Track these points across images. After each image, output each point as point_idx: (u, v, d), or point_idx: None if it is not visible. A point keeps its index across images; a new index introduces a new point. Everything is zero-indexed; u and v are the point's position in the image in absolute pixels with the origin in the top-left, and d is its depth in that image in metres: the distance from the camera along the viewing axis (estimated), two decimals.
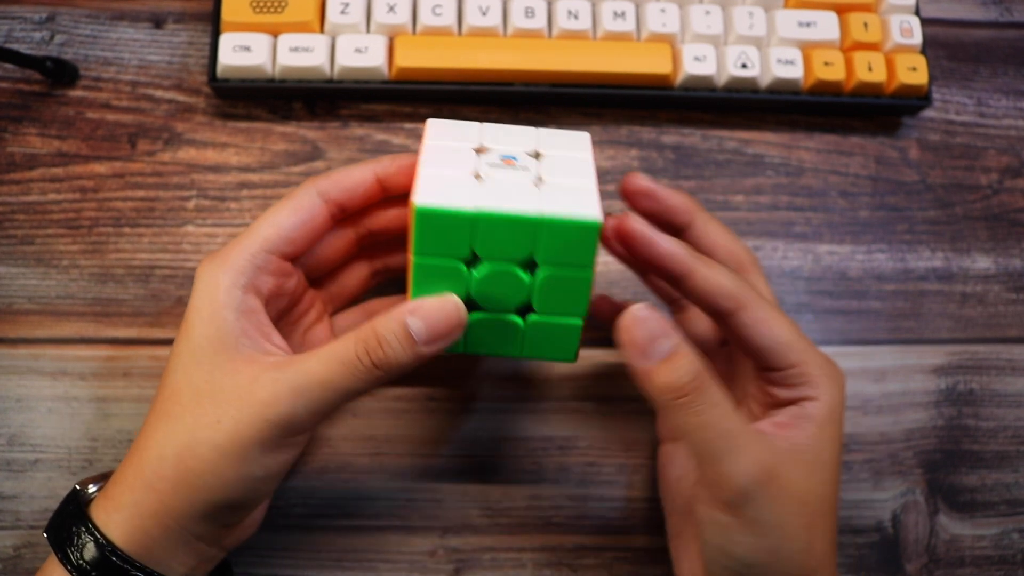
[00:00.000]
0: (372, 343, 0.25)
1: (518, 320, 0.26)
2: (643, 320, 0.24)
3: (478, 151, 0.27)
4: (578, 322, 0.27)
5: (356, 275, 0.33)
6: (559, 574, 0.34)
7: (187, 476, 0.25)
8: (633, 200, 0.30)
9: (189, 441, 0.25)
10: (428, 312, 0.25)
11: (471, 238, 0.24)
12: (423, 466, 0.35)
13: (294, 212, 0.28)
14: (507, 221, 0.24)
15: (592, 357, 0.36)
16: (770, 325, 0.27)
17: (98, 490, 0.27)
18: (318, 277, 0.32)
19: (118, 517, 0.25)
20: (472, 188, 0.24)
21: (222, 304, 0.26)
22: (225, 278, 0.26)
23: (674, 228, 0.30)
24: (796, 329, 0.27)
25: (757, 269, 0.30)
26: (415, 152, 0.27)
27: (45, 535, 0.26)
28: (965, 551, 0.36)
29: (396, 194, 0.30)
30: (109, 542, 0.25)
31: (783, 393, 0.27)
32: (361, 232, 0.31)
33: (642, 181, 0.30)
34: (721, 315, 0.27)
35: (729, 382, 0.31)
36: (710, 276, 0.26)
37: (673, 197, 0.30)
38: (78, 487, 0.28)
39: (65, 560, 0.25)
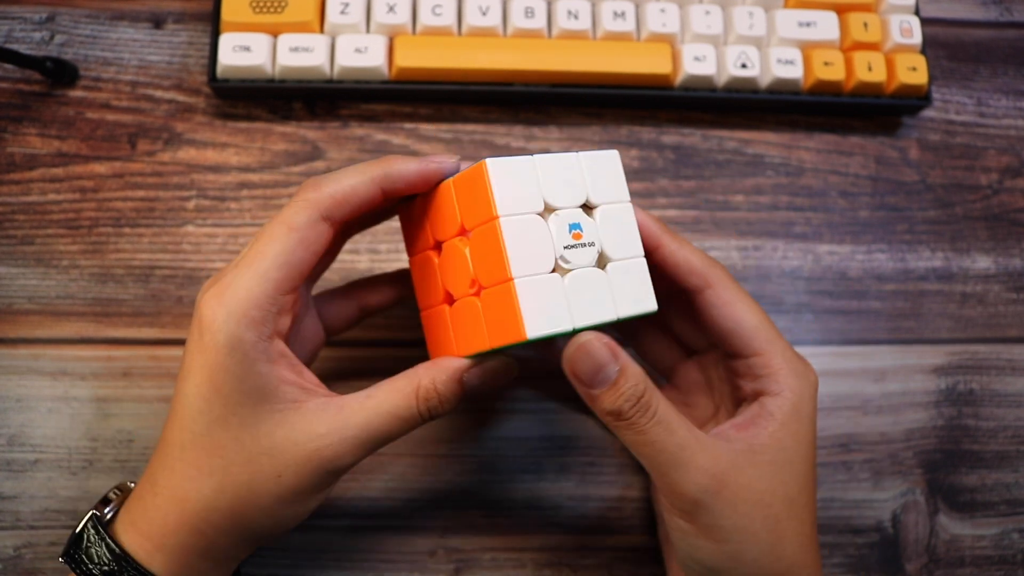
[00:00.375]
0: (434, 402, 0.26)
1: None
2: (590, 352, 0.25)
3: (546, 212, 0.26)
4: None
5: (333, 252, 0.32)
6: (559, 574, 0.34)
7: (243, 522, 0.26)
8: None
9: (246, 495, 0.25)
10: (485, 371, 0.27)
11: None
12: (423, 466, 0.35)
13: (304, 247, 0.26)
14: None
15: None
16: (736, 308, 0.27)
17: (114, 512, 0.27)
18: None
19: (162, 558, 0.25)
20: (565, 302, 0.25)
21: (253, 360, 0.25)
22: (249, 334, 0.25)
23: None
24: (765, 318, 0.27)
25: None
26: (415, 156, 0.27)
27: (63, 559, 0.26)
28: (965, 551, 0.36)
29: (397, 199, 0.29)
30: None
31: (747, 385, 0.27)
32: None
33: None
34: (689, 293, 0.27)
35: (707, 386, 0.31)
36: (678, 250, 0.27)
37: (638, 218, 0.28)
38: (96, 514, 0.27)
39: None
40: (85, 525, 0.26)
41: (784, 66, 0.38)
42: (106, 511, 0.27)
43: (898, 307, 0.38)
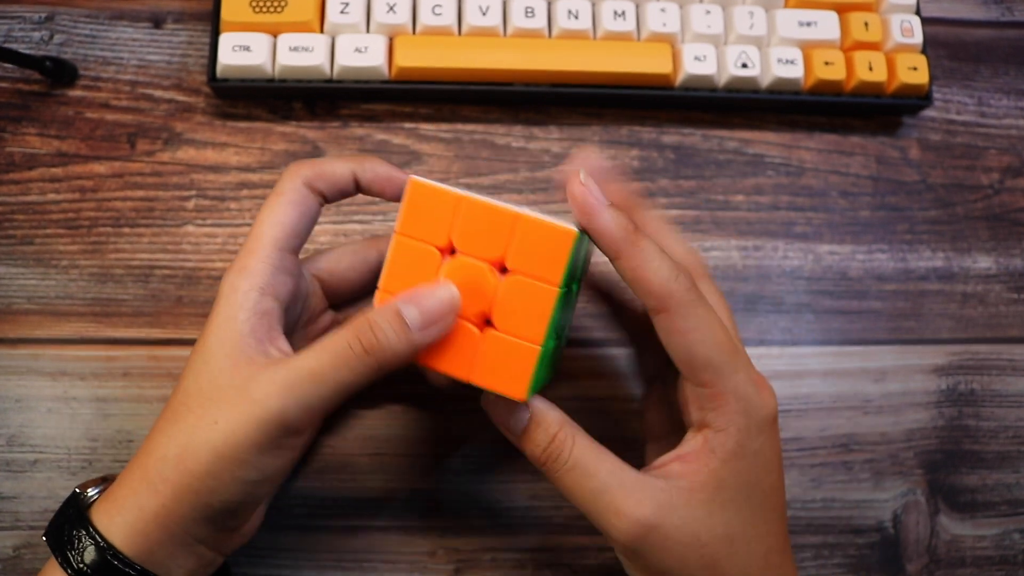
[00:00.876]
0: (364, 329, 0.24)
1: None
2: (495, 409, 0.26)
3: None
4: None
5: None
6: (559, 574, 0.34)
7: (186, 478, 0.25)
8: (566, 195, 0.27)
9: (188, 442, 0.25)
10: (421, 297, 0.25)
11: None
12: (423, 466, 0.35)
13: (292, 206, 0.28)
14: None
15: (592, 357, 0.36)
16: (688, 337, 0.25)
17: (98, 493, 0.27)
18: (339, 299, 0.33)
19: (120, 520, 0.25)
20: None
21: (237, 306, 0.26)
22: (243, 282, 0.27)
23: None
24: (722, 344, 0.25)
25: (705, 276, 0.29)
26: (390, 161, 0.29)
27: (45, 539, 0.26)
28: (966, 551, 0.36)
29: (370, 194, 0.30)
30: (110, 545, 0.25)
31: (694, 413, 0.26)
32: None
33: (579, 190, 0.25)
34: (649, 311, 0.26)
35: (667, 403, 0.30)
36: (637, 267, 0.24)
37: (602, 221, 0.25)
38: (78, 490, 0.27)
39: (65, 564, 0.25)
40: (66, 500, 0.27)
41: (785, 66, 0.38)
42: (91, 490, 0.27)
43: (899, 307, 0.38)
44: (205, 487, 0.25)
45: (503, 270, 0.25)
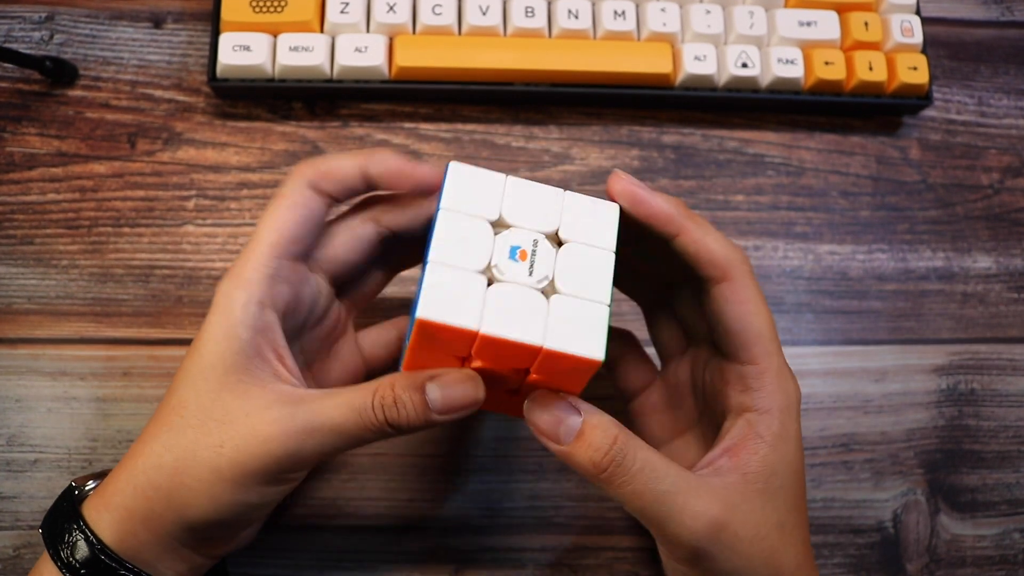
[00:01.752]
0: (388, 402, 0.25)
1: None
2: (543, 405, 0.24)
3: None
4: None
5: (375, 275, 0.32)
6: (559, 574, 0.34)
7: (180, 491, 0.25)
8: (616, 199, 0.28)
9: (188, 458, 0.25)
10: (448, 383, 0.25)
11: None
12: (423, 466, 0.35)
13: (292, 209, 0.27)
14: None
15: None
16: (746, 308, 0.26)
17: (94, 488, 0.27)
18: (343, 284, 0.31)
19: (108, 517, 0.25)
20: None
21: (238, 321, 0.25)
22: (241, 294, 0.25)
23: (661, 237, 0.28)
24: (770, 325, 0.26)
25: (745, 274, 0.28)
26: (401, 152, 0.28)
27: (40, 531, 0.26)
28: (966, 551, 0.36)
29: (381, 189, 0.29)
30: (99, 541, 0.25)
31: (734, 396, 0.26)
32: (383, 232, 0.30)
33: (625, 184, 0.27)
34: (704, 282, 0.26)
35: (693, 387, 0.30)
36: (700, 239, 0.26)
37: (657, 204, 0.26)
38: (73, 484, 0.27)
39: (56, 557, 0.25)
40: (61, 494, 0.27)
41: (785, 65, 0.38)
42: (86, 485, 0.27)
43: (899, 307, 0.38)
44: (199, 504, 0.25)
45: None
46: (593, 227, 0.25)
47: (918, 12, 0.40)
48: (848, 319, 0.38)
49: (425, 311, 0.23)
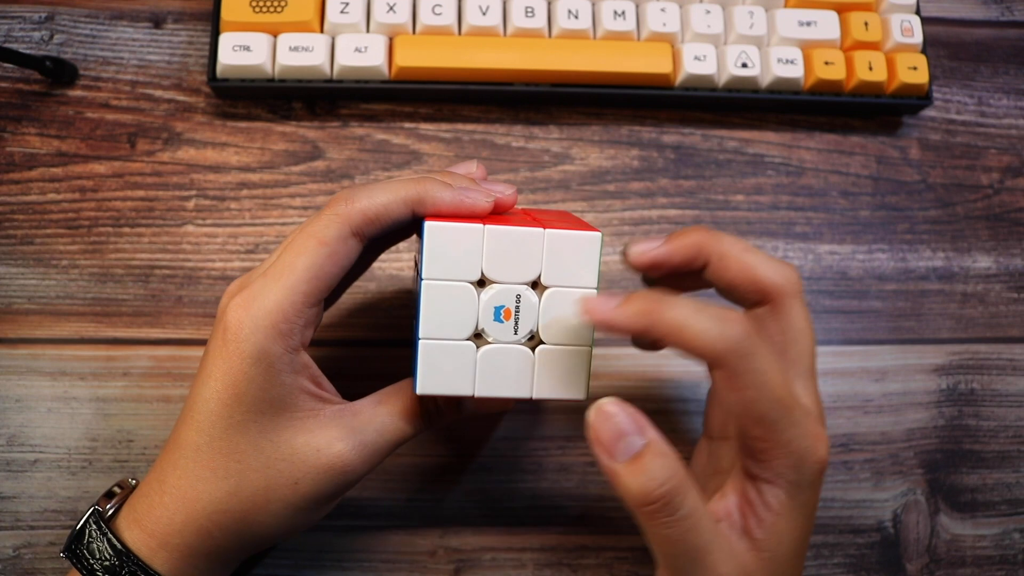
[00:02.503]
0: (433, 411, 0.28)
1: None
2: (610, 415, 0.23)
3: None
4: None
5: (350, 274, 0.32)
6: (559, 574, 0.34)
7: (252, 527, 0.26)
8: (642, 272, 0.29)
9: (260, 500, 0.26)
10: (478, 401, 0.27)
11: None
12: (423, 466, 0.35)
13: (333, 261, 0.25)
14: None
15: (593, 357, 0.36)
16: (745, 395, 0.23)
17: (115, 511, 0.27)
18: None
19: (164, 555, 0.26)
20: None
21: (278, 371, 0.25)
22: (276, 346, 0.25)
23: (692, 274, 0.28)
24: (782, 399, 0.23)
25: (794, 296, 0.26)
26: (450, 184, 0.26)
27: (64, 555, 0.26)
28: (966, 551, 0.36)
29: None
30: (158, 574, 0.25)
31: (744, 461, 0.25)
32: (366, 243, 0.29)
33: (644, 254, 0.27)
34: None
35: (715, 438, 0.29)
36: (679, 335, 0.23)
37: (679, 251, 0.26)
38: (100, 509, 0.27)
39: None
40: (87, 520, 0.26)
41: (784, 65, 0.38)
42: (108, 507, 0.27)
43: (899, 307, 0.38)
44: (270, 532, 0.26)
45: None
46: (575, 266, 0.26)
47: (918, 12, 0.40)
48: (848, 319, 0.38)
49: (423, 387, 0.25)
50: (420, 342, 0.25)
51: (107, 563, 0.25)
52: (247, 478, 0.26)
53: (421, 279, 0.25)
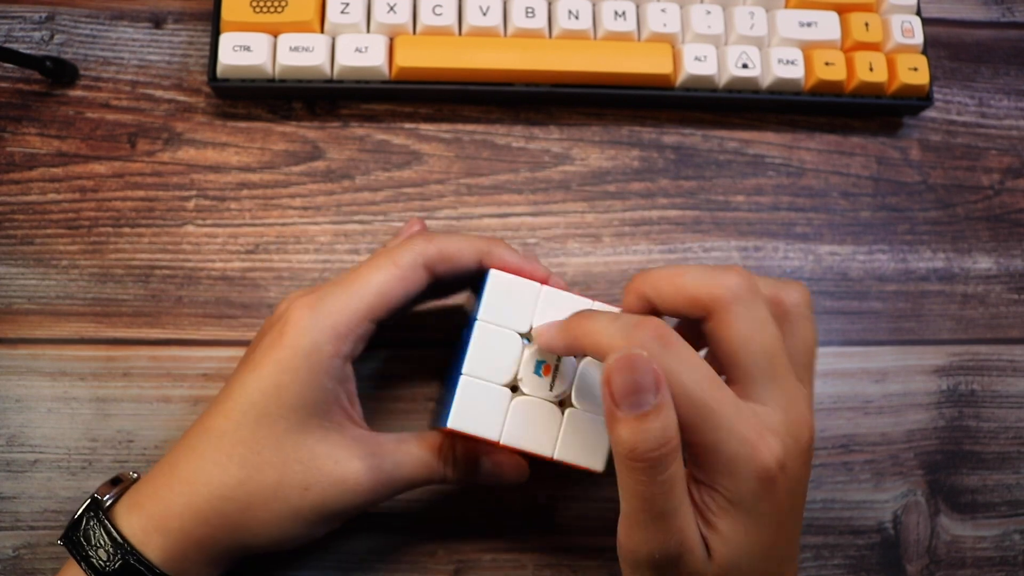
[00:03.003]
0: (449, 465, 0.29)
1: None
2: (634, 365, 0.21)
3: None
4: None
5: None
6: (559, 574, 0.34)
7: (250, 523, 0.26)
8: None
9: (267, 496, 0.26)
10: (498, 464, 0.29)
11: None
12: None
13: (402, 285, 0.27)
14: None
15: None
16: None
17: (119, 498, 0.27)
18: None
19: (159, 540, 0.26)
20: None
21: (323, 371, 0.26)
22: (329, 346, 0.26)
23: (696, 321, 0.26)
24: (709, 398, 0.22)
25: (733, 305, 0.24)
26: (517, 250, 0.29)
27: (61, 542, 0.26)
28: (966, 552, 0.35)
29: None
30: (149, 564, 0.25)
31: (690, 467, 0.24)
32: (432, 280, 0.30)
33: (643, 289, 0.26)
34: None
35: None
36: (584, 337, 0.24)
37: (678, 297, 0.25)
38: (98, 497, 0.27)
39: (94, 570, 0.25)
40: (85, 508, 0.27)
41: (785, 66, 0.38)
42: (107, 496, 0.27)
43: (899, 308, 0.38)
44: (269, 535, 0.27)
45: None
46: None
47: (919, 13, 0.40)
48: (848, 320, 0.38)
49: (454, 422, 0.27)
50: (462, 377, 0.27)
51: (101, 549, 0.25)
52: (260, 471, 0.26)
53: (475, 319, 0.27)
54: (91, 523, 0.26)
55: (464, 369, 0.27)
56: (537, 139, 0.39)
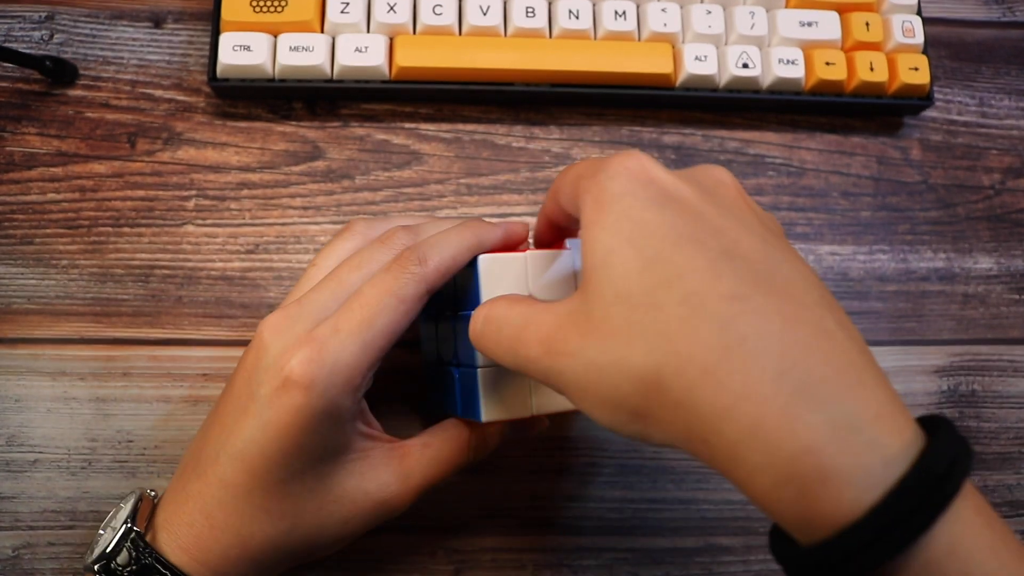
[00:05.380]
0: (480, 449, 0.30)
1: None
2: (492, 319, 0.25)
3: None
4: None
5: None
6: (559, 574, 0.34)
7: (297, 555, 0.27)
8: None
9: (315, 537, 0.27)
10: (525, 424, 0.30)
11: None
12: None
13: (408, 317, 0.26)
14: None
15: None
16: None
17: (147, 528, 0.27)
18: None
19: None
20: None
21: (344, 421, 0.26)
22: (348, 401, 0.25)
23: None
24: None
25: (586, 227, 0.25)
26: (494, 221, 0.30)
27: (97, 572, 0.26)
28: None
29: None
30: None
31: None
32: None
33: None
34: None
35: None
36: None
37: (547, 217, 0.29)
38: (139, 530, 0.26)
39: None
40: (122, 538, 0.26)
41: (785, 66, 0.38)
42: (144, 526, 0.27)
43: (900, 308, 0.38)
44: (311, 556, 0.28)
45: None
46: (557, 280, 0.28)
47: (919, 12, 0.40)
48: None
49: (487, 415, 0.27)
50: (479, 371, 0.27)
51: None
52: (301, 519, 0.26)
53: (469, 313, 0.26)
54: (135, 556, 0.25)
55: (479, 362, 0.27)
56: (537, 139, 0.39)
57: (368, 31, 0.38)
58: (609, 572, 0.34)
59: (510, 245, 0.29)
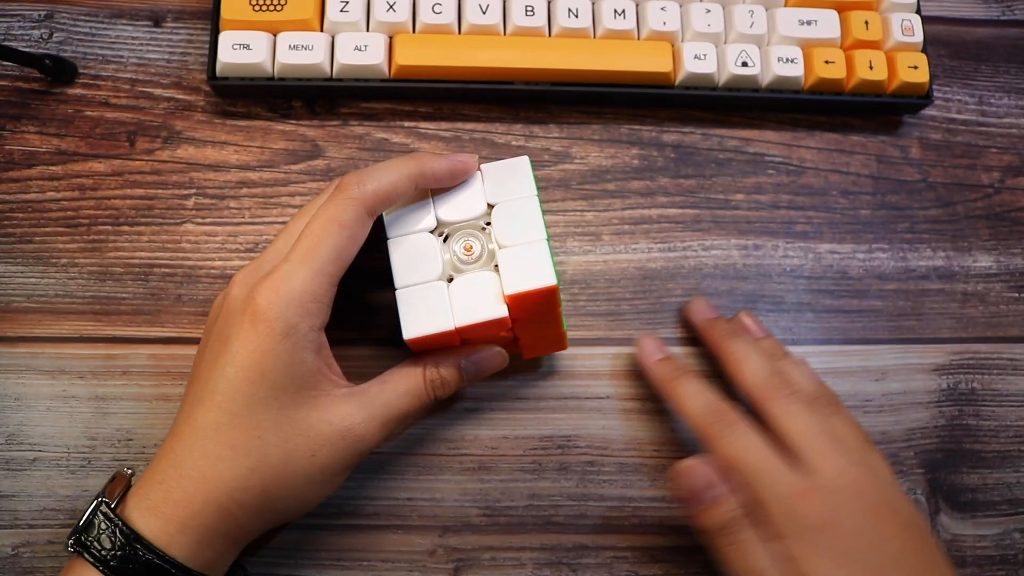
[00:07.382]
0: (437, 383, 0.31)
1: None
2: (691, 473, 0.29)
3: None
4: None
5: None
6: (559, 574, 0.34)
7: (272, 502, 0.27)
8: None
9: (279, 473, 0.27)
10: (479, 360, 0.31)
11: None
12: (423, 466, 0.35)
13: (353, 242, 0.28)
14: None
15: (592, 356, 0.36)
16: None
17: (126, 499, 0.27)
18: None
19: (184, 539, 0.26)
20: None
21: (303, 347, 0.27)
22: (304, 324, 0.27)
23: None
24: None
25: (768, 403, 0.31)
26: (441, 154, 0.30)
27: (72, 547, 0.26)
28: (966, 551, 0.35)
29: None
30: (178, 565, 0.26)
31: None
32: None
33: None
34: None
35: None
36: (678, 404, 0.32)
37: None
38: (105, 500, 0.27)
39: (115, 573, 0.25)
40: (94, 511, 0.26)
41: (785, 64, 0.38)
42: (115, 497, 0.27)
43: (899, 306, 0.38)
44: (289, 508, 0.28)
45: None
46: (513, 183, 0.30)
47: (918, 11, 0.40)
48: (848, 318, 0.38)
49: (407, 331, 0.28)
50: (397, 292, 0.28)
51: (120, 553, 0.25)
52: (267, 454, 0.27)
53: (388, 239, 0.29)
54: (103, 526, 0.26)
55: (396, 284, 0.29)
56: (537, 137, 0.39)
57: (367, 30, 0.38)
58: (609, 571, 0.34)
59: (456, 177, 0.30)
